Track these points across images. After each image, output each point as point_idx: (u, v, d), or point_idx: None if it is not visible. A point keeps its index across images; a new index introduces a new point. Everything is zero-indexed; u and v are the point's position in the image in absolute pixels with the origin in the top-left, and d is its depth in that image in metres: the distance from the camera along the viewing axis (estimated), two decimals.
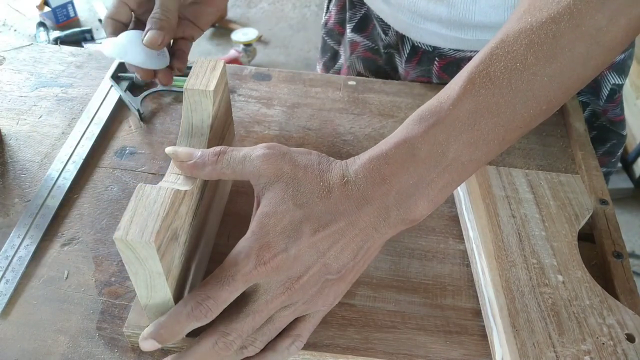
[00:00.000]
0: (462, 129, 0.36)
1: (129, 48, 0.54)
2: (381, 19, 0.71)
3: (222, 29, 2.50)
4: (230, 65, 0.70)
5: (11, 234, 0.51)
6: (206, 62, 0.47)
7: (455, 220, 0.53)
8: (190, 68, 0.46)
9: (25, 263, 0.49)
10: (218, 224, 0.51)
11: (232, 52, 2.29)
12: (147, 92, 0.66)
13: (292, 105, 0.66)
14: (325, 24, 0.82)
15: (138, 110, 0.63)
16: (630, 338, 0.41)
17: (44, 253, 0.50)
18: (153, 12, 0.54)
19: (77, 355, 0.43)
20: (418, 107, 0.67)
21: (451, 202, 0.54)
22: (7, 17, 2.51)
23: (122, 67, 0.68)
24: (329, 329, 0.44)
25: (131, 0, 0.55)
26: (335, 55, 0.83)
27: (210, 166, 0.40)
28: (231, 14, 2.58)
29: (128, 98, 0.64)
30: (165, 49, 0.56)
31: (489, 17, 0.60)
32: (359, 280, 0.48)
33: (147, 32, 0.53)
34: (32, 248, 0.50)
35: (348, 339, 0.44)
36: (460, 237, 0.52)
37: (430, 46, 0.68)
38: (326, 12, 0.82)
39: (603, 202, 0.55)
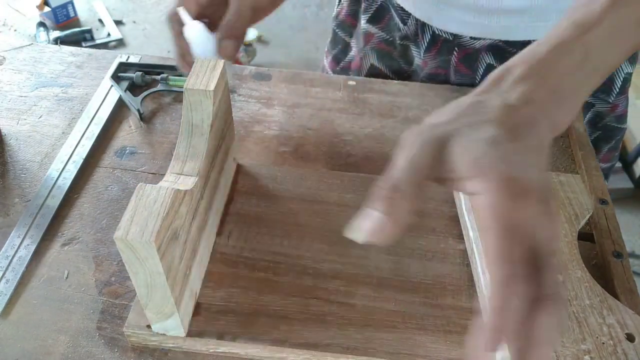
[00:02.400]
0: (614, 35, 0.37)
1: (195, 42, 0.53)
2: (401, 7, 0.71)
3: None
4: None
5: (11, 234, 0.51)
6: (206, 62, 0.47)
7: (455, 220, 0.53)
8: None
9: (26, 263, 0.49)
10: (218, 224, 0.51)
11: None
12: (147, 92, 0.66)
13: (292, 105, 0.66)
14: (337, 16, 0.82)
15: (138, 110, 0.63)
16: (630, 338, 0.41)
17: (44, 253, 0.50)
18: (227, 18, 0.52)
19: (77, 355, 0.43)
20: (418, 108, 0.68)
21: (451, 202, 0.54)
22: (7, 17, 2.51)
23: (122, 67, 0.68)
24: (330, 328, 0.44)
25: None
26: (346, 48, 0.83)
27: (399, 211, 0.34)
28: None
29: (128, 98, 0.64)
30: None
31: (517, 1, 0.61)
32: (359, 280, 0.48)
33: (222, 40, 0.52)
34: (33, 248, 0.50)
35: (348, 339, 0.44)
36: (460, 237, 0.52)
37: (451, 34, 0.68)
38: (338, 4, 0.82)
39: (603, 202, 0.55)
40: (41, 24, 2.41)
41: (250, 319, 0.45)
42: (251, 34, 2.32)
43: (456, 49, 0.69)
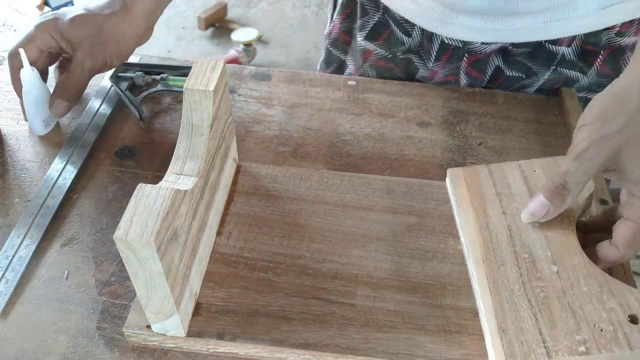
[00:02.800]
0: None
1: (28, 90, 0.58)
2: (405, 20, 0.69)
3: (222, 29, 2.50)
4: (230, 65, 0.70)
5: (11, 234, 0.51)
6: (206, 62, 0.47)
7: (455, 220, 0.53)
8: (190, 68, 0.47)
9: (26, 263, 0.49)
10: (218, 224, 0.51)
11: (232, 52, 2.29)
12: (147, 92, 0.66)
13: (292, 105, 0.66)
14: (329, 34, 0.80)
15: (138, 110, 0.63)
16: (634, 320, 0.40)
17: (44, 253, 0.50)
18: (63, 77, 0.59)
19: (77, 355, 0.44)
20: (418, 108, 0.68)
21: (450, 202, 0.54)
22: (7, 17, 2.51)
23: (122, 67, 0.68)
24: (329, 328, 0.44)
25: (43, 43, 0.58)
26: (341, 66, 0.81)
27: (569, 197, 0.45)
28: (231, 14, 2.58)
29: (128, 98, 0.64)
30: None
31: (534, 2, 0.60)
32: (359, 280, 0.48)
33: (54, 99, 0.59)
34: (32, 248, 0.50)
35: (348, 339, 0.44)
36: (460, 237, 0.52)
37: (461, 42, 0.67)
38: (330, 22, 0.80)
39: (603, 202, 0.55)
40: None
41: (250, 319, 0.45)
42: (252, 34, 2.32)
43: (466, 55, 0.68)
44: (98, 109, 0.63)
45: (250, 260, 0.49)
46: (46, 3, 2.43)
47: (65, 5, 2.44)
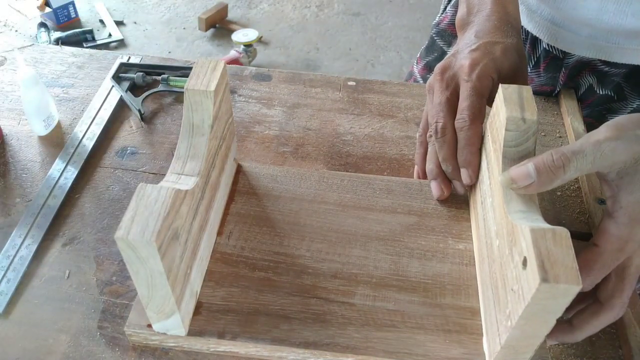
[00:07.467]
0: None
1: None
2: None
3: (223, 29, 2.50)
4: (230, 65, 0.70)
5: (13, 234, 0.51)
6: (207, 63, 0.47)
7: (454, 220, 0.53)
8: (191, 68, 0.47)
9: (27, 262, 0.49)
10: (218, 224, 0.51)
11: (232, 53, 2.29)
12: (148, 92, 0.66)
13: (292, 106, 0.66)
14: (438, 24, 0.80)
15: (139, 111, 0.63)
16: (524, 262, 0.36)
17: (45, 252, 0.50)
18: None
19: (78, 354, 0.44)
20: (417, 108, 0.68)
21: (450, 202, 0.54)
22: (8, 18, 2.51)
23: (123, 67, 0.68)
24: (329, 327, 0.45)
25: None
26: (442, 56, 0.80)
27: (559, 180, 0.40)
28: (232, 14, 2.58)
29: (129, 98, 0.64)
30: None
31: None
32: (359, 280, 0.48)
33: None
34: (34, 247, 0.50)
35: (348, 338, 0.44)
36: (459, 236, 0.52)
37: (561, 52, 0.66)
38: (442, 13, 0.80)
39: (602, 202, 0.55)
40: (42, 25, 2.42)
41: (251, 318, 0.45)
42: (252, 34, 2.32)
43: (563, 69, 0.67)
44: (99, 109, 0.63)
45: (251, 260, 0.49)
46: (47, 3, 2.43)
47: (66, 6, 2.44)
